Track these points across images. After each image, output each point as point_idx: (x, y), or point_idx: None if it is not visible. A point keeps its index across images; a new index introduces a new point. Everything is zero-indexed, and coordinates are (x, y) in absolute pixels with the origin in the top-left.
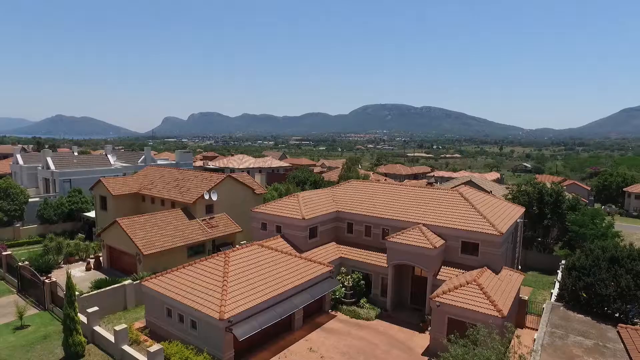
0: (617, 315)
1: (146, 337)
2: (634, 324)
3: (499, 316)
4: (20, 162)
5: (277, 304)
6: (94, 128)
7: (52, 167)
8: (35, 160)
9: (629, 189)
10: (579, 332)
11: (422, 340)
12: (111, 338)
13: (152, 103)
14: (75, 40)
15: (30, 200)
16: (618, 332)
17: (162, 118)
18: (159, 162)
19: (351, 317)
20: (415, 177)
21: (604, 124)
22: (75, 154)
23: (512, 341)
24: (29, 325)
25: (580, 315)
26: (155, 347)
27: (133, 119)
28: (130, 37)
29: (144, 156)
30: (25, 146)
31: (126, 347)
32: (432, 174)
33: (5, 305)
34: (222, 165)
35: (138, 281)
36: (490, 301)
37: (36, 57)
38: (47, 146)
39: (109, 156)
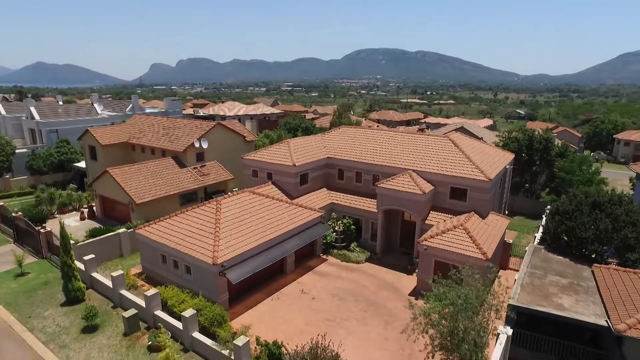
0: (593, 256)
1: (143, 282)
2: (608, 263)
3: (483, 258)
4: (3, 112)
5: (269, 249)
6: (78, 76)
7: (37, 117)
8: (18, 110)
9: (619, 135)
10: (557, 272)
11: (409, 282)
12: (109, 283)
13: (138, 49)
14: None
15: (17, 151)
16: (592, 271)
17: (150, 64)
18: (147, 110)
19: (342, 261)
20: (408, 123)
21: (601, 70)
22: (60, 103)
23: (495, 281)
24: (29, 273)
25: (560, 257)
26: (151, 291)
27: (119, 65)
28: None
29: (131, 105)
30: (7, 95)
31: (124, 292)
32: (424, 120)
33: (4, 254)
34: (212, 113)
35: (132, 229)
36: (475, 244)
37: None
38: (29, 95)
39: (95, 105)
